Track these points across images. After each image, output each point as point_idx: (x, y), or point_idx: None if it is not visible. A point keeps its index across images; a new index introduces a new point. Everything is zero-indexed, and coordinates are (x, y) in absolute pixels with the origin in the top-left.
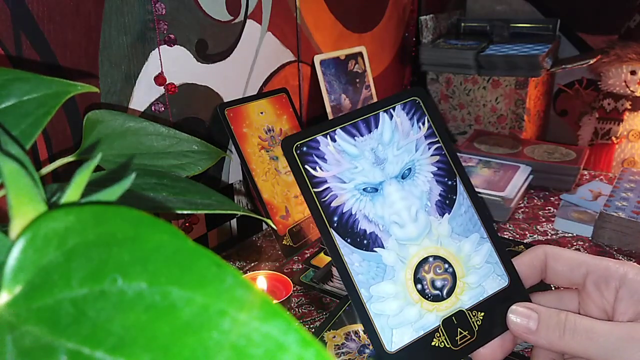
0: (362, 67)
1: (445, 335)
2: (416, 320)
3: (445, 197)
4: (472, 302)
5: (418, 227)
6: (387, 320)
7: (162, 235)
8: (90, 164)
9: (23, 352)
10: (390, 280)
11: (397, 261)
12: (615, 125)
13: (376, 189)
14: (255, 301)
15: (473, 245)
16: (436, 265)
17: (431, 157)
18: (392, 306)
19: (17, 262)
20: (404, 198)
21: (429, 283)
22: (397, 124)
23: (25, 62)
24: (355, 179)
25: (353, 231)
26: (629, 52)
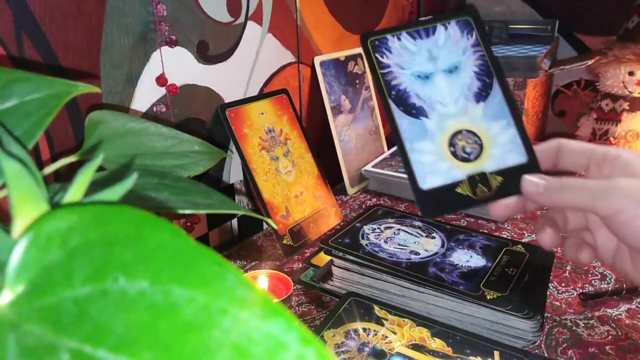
0: (361, 68)
1: (469, 186)
2: (446, 171)
3: (482, 90)
4: (494, 167)
5: (457, 107)
6: (423, 167)
7: (164, 234)
8: (92, 164)
9: (25, 351)
10: (429, 140)
11: (437, 128)
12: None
13: (427, 77)
14: (256, 300)
15: (501, 128)
16: (468, 137)
17: (475, 60)
18: (429, 158)
19: (19, 261)
20: (448, 86)
21: (460, 148)
22: (450, 34)
23: (27, 63)
24: (412, 68)
25: (405, 102)
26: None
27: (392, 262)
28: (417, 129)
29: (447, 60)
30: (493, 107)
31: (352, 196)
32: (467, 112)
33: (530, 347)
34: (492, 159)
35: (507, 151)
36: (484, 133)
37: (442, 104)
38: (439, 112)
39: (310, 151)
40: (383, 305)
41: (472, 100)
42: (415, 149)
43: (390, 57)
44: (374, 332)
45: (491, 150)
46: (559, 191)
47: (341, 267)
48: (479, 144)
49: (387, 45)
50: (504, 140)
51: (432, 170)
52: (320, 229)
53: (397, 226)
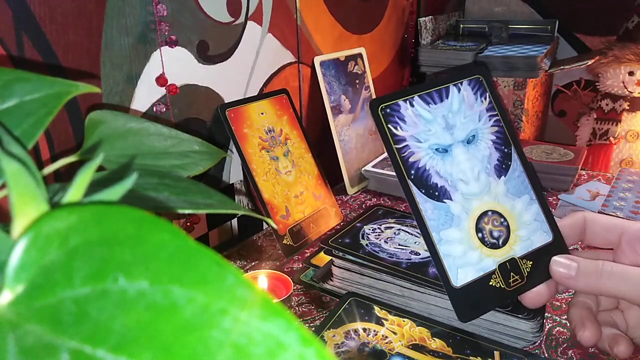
0: (361, 68)
1: (501, 277)
2: (477, 262)
3: (502, 162)
4: (523, 252)
5: (480, 185)
6: (454, 261)
7: (164, 234)
8: (92, 164)
9: (25, 351)
10: (456, 227)
11: (462, 212)
12: (613, 126)
13: (446, 150)
14: (256, 300)
15: (524, 205)
16: (494, 219)
17: (491, 127)
18: (458, 249)
19: (19, 261)
20: (468, 160)
21: (487, 232)
22: (464, 96)
23: (27, 63)
24: (429, 140)
25: (427, 184)
26: (627, 53)
27: (392, 262)
28: (442, 214)
29: (465, 129)
30: (514, 181)
31: (352, 196)
32: (490, 189)
33: (530, 348)
34: (520, 242)
35: (532, 231)
36: (509, 212)
37: (464, 182)
38: (462, 193)
39: (310, 151)
40: (383, 306)
41: (494, 174)
42: (443, 240)
43: (405, 128)
44: (374, 332)
45: (518, 232)
46: (596, 278)
47: (341, 267)
48: (506, 225)
49: (400, 113)
50: (529, 217)
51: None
52: (320, 229)
53: (397, 226)
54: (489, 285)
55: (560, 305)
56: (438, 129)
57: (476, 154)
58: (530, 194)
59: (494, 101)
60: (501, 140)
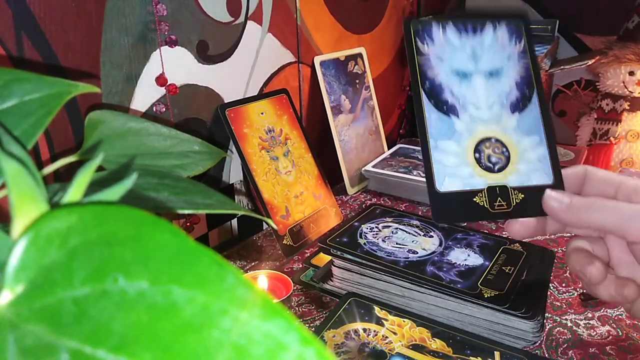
0: (361, 68)
1: (487, 197)
2: (467, 177)
3: (520, 101)
4: (517, 183)
5: (490, 113)
6: (444, 169)
7: (164, 234)
8: (92, 164)
9: (25, 351)
10: (455, 141)
11: (465, 131)
12: (613, 126)
13: (466, 75)
14: (255, 300)
15: (532, 144)
16: (496, 146)
17: (519, 69)
18: (451, 160)
19: (19, 261)
20: (486, 89)
21: (485, 156)
22: (499, 36)
23: (27, 63)
24: (452, 62)
25: (437, 97)
26: (627, 52)
27: (390, 261)
28: (444, 126)
29: (490, 63)
30: (528, 121)
31: (352, 196)
32: (501, 120)
33: (530, 348)
34: (517, 174)
35: (533, 169)
36: (513, 146)
37: (475, 107)
38: (470, 114)
39: (310, 151)
40: (383, 306)
41: (508, 109)
42: (439, 148)
43: (431, 46)
44: (374, 332)
45: (517, 165)
46: (586, 209)
47: (341, 267)
48: (506, 155)
49: (431, 33)
50: (533, 157)
51: (452, 173)
52: (320, 229)
53: (395, 225)
54: (472, 200)
55: (560, 305)
56: (463, 56)
57: (495, 87)
58: (541, 136)
59: (528, 47)
60: (525, 82)
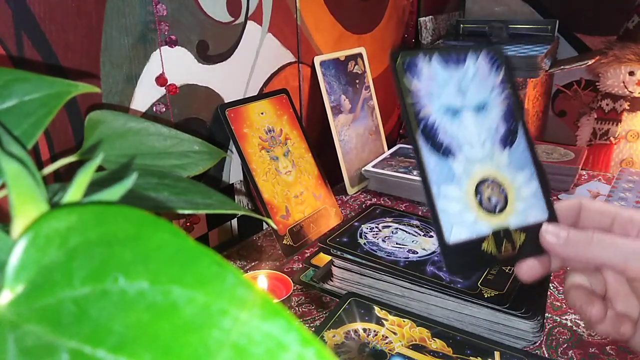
0: (361, 68)
1: (493, 243)
2: (471, 224)
3: (508, 135)
4: (517, 224)
5: (484, 151)
6: (449, 218)
7: (164, 234)
8: (92, 164)
9: (25, 351)
10: (456, 185)
11: (464, 173)
12: (613, 126)
13: (455, 112)
14: (255, 300)
15: (524, 179)
16: (493, 186)
17: (502, 100)
18: (455, 207)
19: (19, 261)
20: (476, 126)
21: (485, 197)
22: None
23: (27, 63)
24: (441, 99)
25: (434, 138)
26: (627, 52)
27: (390, 261)
28: (444, 170)
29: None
30: (518, 155)
31: (352, 196)
32: (494, 158)
33: (530, 348)
34: (516, 214)
35: (529, 206)
36: (509, 184)
37: (470, 145)
38: (465, 154)
39: (310, 151)
40: (383, 306)
41: (498, 145)
42: (442, 194)
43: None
44: (374, 332)
45: (515, 204)
46: (585, 245)
47: (341, 267)
48: (504, 195)
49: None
50: (527, 193)
51: (459, 221)
52: (320, 229)
53: (395, 225)
54: (480, 248)
55: (560, 305)
56: (451, 90)
57: (484, 122)
58: (531, 170)
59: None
60: (509, 114)
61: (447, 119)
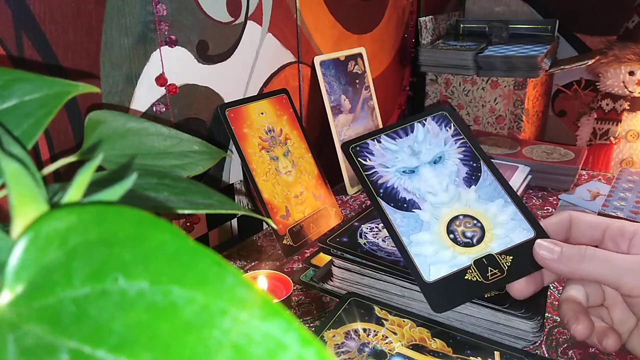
0: (361, 68)
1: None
2: (450, 260)
3: (471, 174)
4: (501, 248)
5: (448, 195)
6: (425, 259)
7: (164, 234)
8: (92, 164)
9: (24, 351)
10: (426, 231)
11: (432, 218)
12: (613, 126)
13: (413, 171)
14: (255, 300)
15: (498, 207)
16: (466, 221)
17: (458, 148)
18: (429, 249)
19: (19, 261)
20: (436, 176)
21: (460, 233)
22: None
23: (27, 63)
24: (396, 165)
25: (395, 198)
26: (627, 52)
27: (390, 261)
28: (411, 221)
29: (430, 153)
30: (486, 189)
31: (352, 196)
32: (460, 197)
33: (530, 348)
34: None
35: (511, 229)
36: (482, 215)
37: (432, 194)
38: (430, 202)
39: (310, 151)
40: (383, 306)
41: (463, 185)
42: (414, 242)
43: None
44: (374, 332)
45: (494, 232)
46: (579, 260)
47: (341, 267)
48: (479, 226)
49: (369, 149)
50: (505, 218)
51: (435, 261)
52: (320, 229)
53: None
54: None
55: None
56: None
57: (443, 171)
58: (504, 198)
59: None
60: (469, 157)
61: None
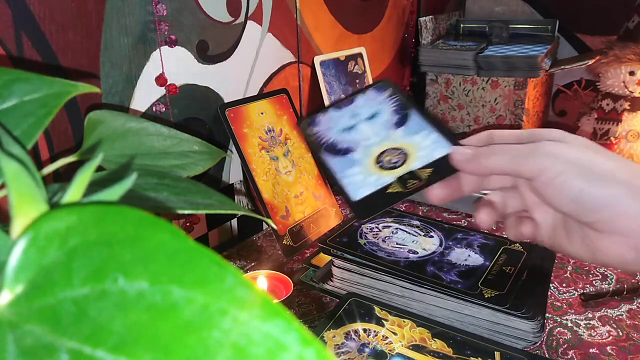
0: (362, 68)
1: (398, 184)
2: (375, 181)
3: (400, 120)
4: (421, 164)
5: (379, 137)
6: (355, 185)
7: (163, 234)
8: (92, 164)
9: (24, 351)
10: (357, 166)
11: (363, 155)
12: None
13: (351, 128)
14: (255, 300)
15: (423, 136)
16: (392, 152)
17: (391, 104)
18: (358, 177)
19: (18, 261)
20: (370, 127)
21: (386, 161)
22: (369, 96)
23: (27, 63)
24: (338, 126)
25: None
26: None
27: (390, 261)
28: (345, 161)
29: (367, 112)
30: (413, 126)
31: None
32: (389, 136)
33: (531, 348)
34: (419, 159)
35: (432, 149)
36: (407, 145)
37: (365, 140)
38: (363, 146)
39: (310, 151)
40: (383, 306)
41: (392, 127)
42: (346, 175)
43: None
44: (374, 332)
45: (416, 154)
46: (486, 156)
47: (341, 268)
48: (404, 153)
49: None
50: (428, 143)
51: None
52: (320, 229)
53: (395, 225)
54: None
55: (560, 305)
56: (345, 119)
57: (377, 122)
58: (429, 129)
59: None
60: (399, 108)
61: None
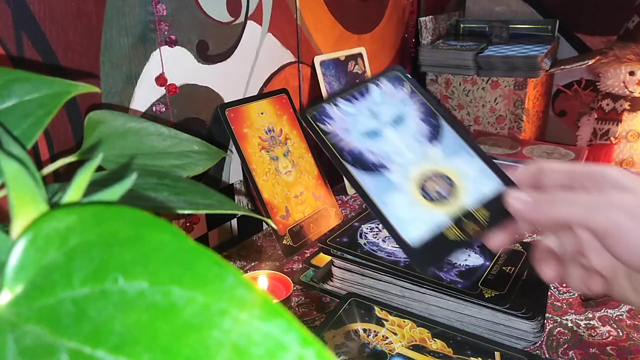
0: (362, 68)
1: (457, 229)
2: (427, 218)
3: (432, 132)
4: (475, 203)
5: (415, 154)
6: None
7: (163, 234)
8: (92, 164)
9: (24, 351)
10: (398, 191)
11: (402, 178)
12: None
13: (375, 132)
14: (255, 300)
15: (464, 161)
16: (436, 179)
17: (416, 107)
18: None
19: (18, 261)
20: (399, 137)
21: (431, 190)
22: (384, 90)
23: (27, 63)
24: (358, 128)
25: (362, 161)
26: (627, 52)
27: (391, 262)
28: (381, 183)
29: (390, 114)
30: (449, 145)
31: (352, 196)
32: (426, 155)
33: (531, 348)
34: (469, 194)
35: (480, 183)
36: (451, 171)
37: (398, 154)
38: (398, 163)
39: (310, 151)
40: (383, 306)
41: (427, 142)
42: (387, 203)
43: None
44: (375, 332)
45: (465, 186)
46: (550, 205)
47: (341, 268)
48: (449, 182)
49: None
50: (473, 172)
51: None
52: (320, 229)
53: None
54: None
55: (560, 305)
56: (364, 119)
57: (405, 131)
58: (468, 151)
59: (414, 87)
60: (428, 115)
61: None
